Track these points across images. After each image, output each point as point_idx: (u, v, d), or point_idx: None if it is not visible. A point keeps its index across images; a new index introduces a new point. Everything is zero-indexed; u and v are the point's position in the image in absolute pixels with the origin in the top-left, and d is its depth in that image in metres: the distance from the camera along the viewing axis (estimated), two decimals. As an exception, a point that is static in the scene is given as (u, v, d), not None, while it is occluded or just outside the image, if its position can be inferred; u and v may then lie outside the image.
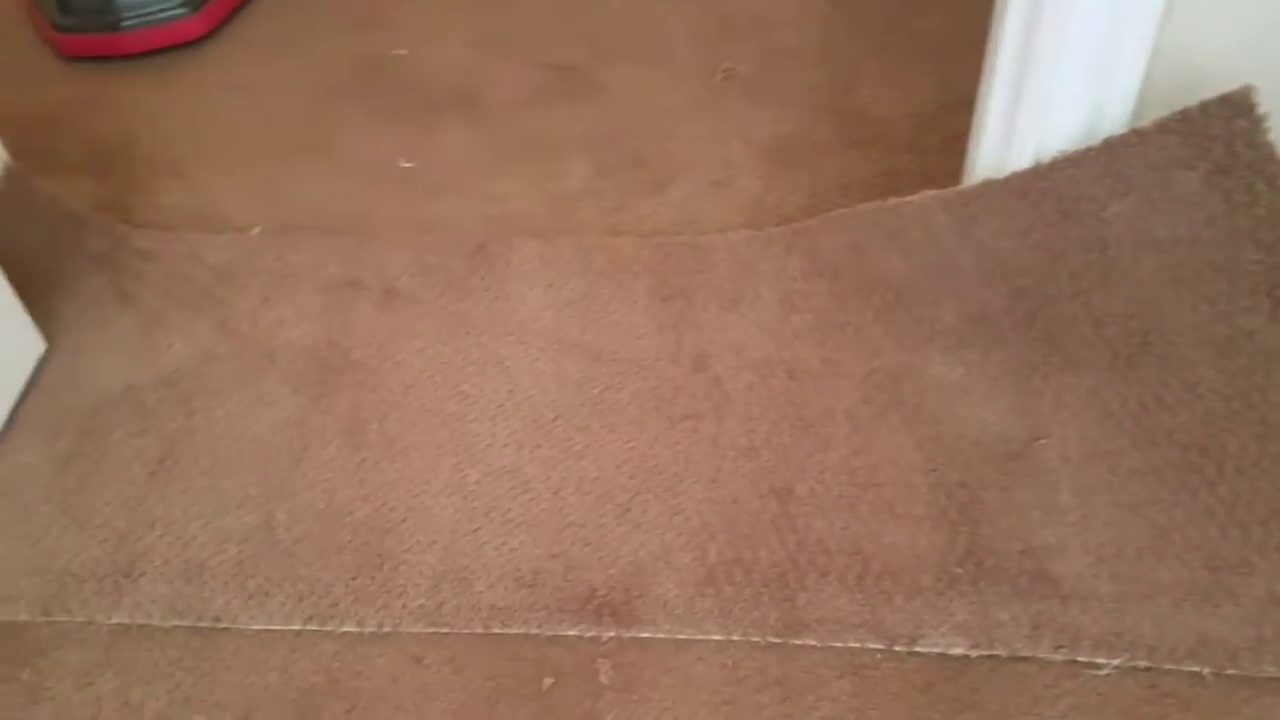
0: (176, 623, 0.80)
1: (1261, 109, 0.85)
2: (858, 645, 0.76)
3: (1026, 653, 0.75)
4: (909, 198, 1.00)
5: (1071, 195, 0.92)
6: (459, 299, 1.02)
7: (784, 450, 0.88)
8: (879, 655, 0.76)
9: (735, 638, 0.77)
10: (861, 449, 0.87)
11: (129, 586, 0.81)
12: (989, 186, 0.96)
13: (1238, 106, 0.86)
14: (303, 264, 1.06)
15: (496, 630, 0.78)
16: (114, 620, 0.80)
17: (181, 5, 1.32)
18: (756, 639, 0.77)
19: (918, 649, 0.75)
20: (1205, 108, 0.86)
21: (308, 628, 0.79)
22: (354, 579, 0.81)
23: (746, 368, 0.94)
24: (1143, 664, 0.73)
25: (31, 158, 1.07)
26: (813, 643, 0.76)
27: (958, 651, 0.75)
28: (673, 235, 1.08)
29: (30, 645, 0.79)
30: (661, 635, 0.77)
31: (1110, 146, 0.90)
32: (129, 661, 0.78)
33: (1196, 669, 0.73)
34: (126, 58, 1.34)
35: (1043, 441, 0.87)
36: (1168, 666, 0.73)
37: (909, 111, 1.20)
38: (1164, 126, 0.89)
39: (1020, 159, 0.94)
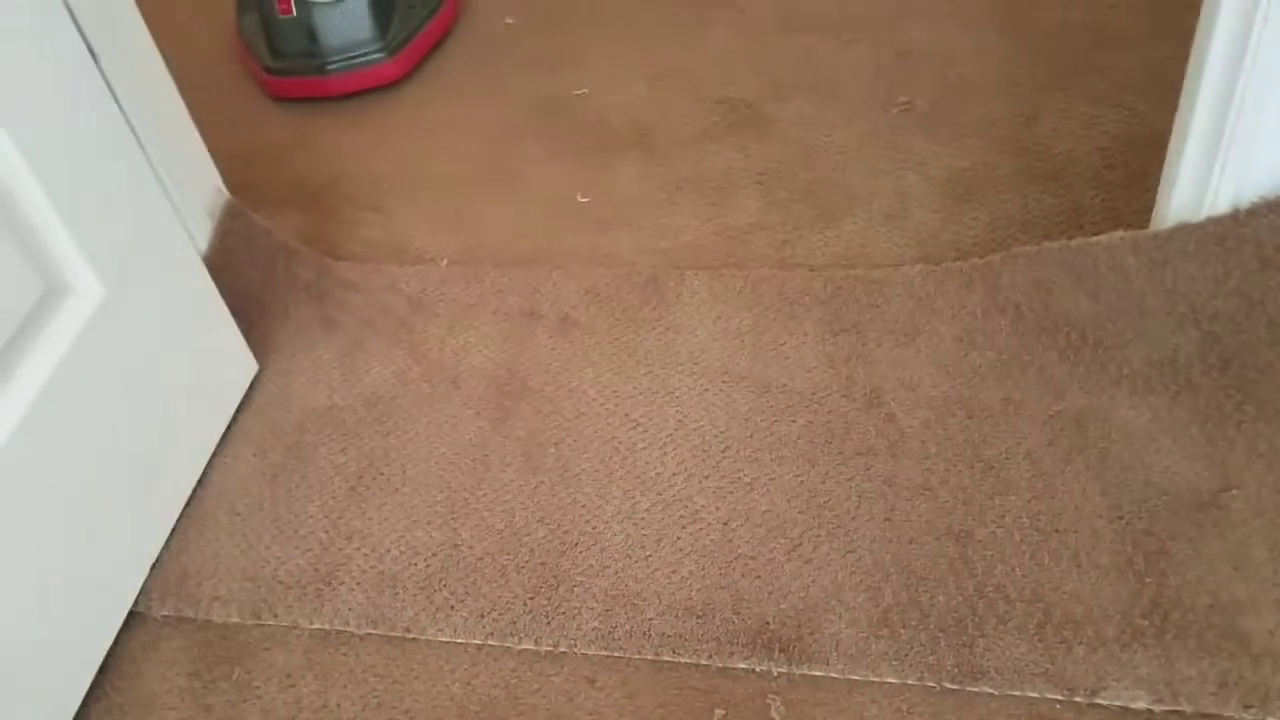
0: (370, 631, 0.85)
1: None
2: (1036, 695, 0.75)
3: (1213, 710, 0.72)
4: (1097, 237, 0.98)
5: (1272, 243, 0.88)
6: (631, 329, 1.05)
7: (962, 491, 0.87)
8: (1058, 705, 0.74)
9: (910, 682, 0.76)
10: (1044, 493, 0.85)
11: (329, 594, 0.87)
12: (1183, 230, 0.93)
13: None
14: (486, 294, 1.11)
15: (667, 658, 0.80)
16: (315, 626, 0.86)
17: (380, 50, 1.40)
18: (932, 684, 0.76)
19: (1098, 701, 0.74)
20: None
21: (488, 643, 0.83)
22: (532, 599, 0.85)
23: (922, 405, 0.93)
24: (1342, 730, 0.70)
25: (245, 192, 1.15)
26: (990, 691, 0.75)
27: (1140, 705, 0.73)
28: (844, 269, 1.08)
29: (240, 646, 0.86)
30: (834, 674, 0.78)
31: (1316, 192, 0.87)
32: (327, 666, 0.84)
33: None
34: (330, 99, 1.43)
35: (1234, 492, 0.83)
36: (1369, 734, 0.69)
37: (1094, 147, 1.17)
38: (1377, 169, 0.84)
39: (1216, 203, 0.91)
